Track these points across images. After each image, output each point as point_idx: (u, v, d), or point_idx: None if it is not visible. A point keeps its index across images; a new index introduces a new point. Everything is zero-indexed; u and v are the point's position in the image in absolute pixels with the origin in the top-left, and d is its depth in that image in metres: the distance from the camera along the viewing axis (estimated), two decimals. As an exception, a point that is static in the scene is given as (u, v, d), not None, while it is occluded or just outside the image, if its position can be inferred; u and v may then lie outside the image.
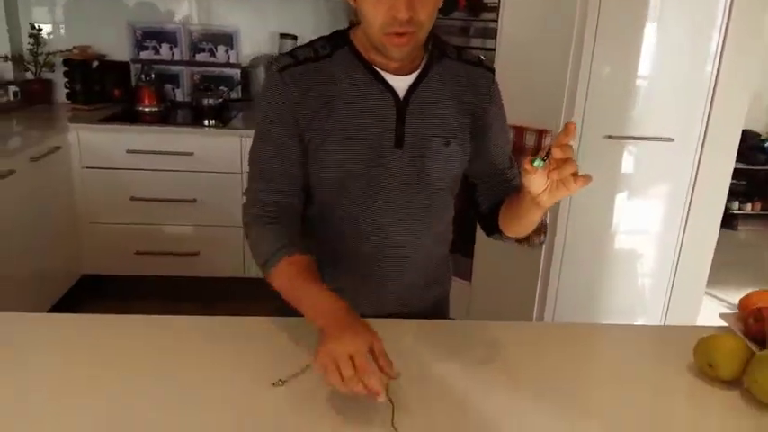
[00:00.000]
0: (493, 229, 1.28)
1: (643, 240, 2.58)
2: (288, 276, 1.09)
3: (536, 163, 0.98)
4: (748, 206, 5.04)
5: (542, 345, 1.23)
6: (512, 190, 1.19)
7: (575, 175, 0.97)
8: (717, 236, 2.59)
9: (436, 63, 1.19)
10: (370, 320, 1.01)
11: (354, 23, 1.19)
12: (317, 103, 1.13)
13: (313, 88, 1.13)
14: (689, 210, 2.51)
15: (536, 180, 0.99)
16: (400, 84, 1.16)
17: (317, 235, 1.23)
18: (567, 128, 0.95)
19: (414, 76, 1.17)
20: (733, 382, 1.09)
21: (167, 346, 1.14)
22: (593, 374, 1.17)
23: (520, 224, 1.18)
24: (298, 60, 1.15)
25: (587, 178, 0.98)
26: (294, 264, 1.09)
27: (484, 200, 1.30)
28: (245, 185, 1.23)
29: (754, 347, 1.13)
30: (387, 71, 1.15)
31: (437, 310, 1.39)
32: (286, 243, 1.11)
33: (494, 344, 1.21)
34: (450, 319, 1.42)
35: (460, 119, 1.20)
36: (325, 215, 1.21)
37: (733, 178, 4.92)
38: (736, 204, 5.02)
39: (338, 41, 1.17)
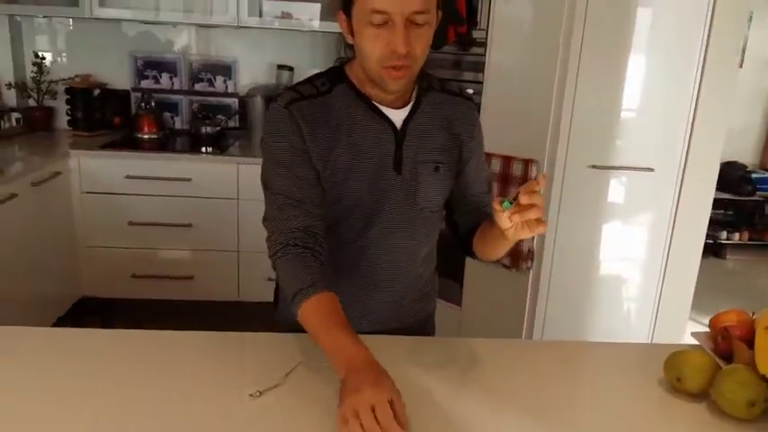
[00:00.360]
0: (469, 250, 1.37)
1: (628, 266, 2.65)
2: (316, 315, 1.09)
3: (504, 204, 1.07)
4: (736, 236, 5.13)
5: (524, 360, 1.29)
6: (487, 215, 1.27)
7: (539, 220, 1.06)
8: (699, 262, 2.66)
9: (425, 95, 1.27)
10: (364, 336, 1.07)
11: (345, 59, 1.27)
12: (324, 137, 1.19)
13: (318, 122, 1.19)
14: (671, 237, 2.58)
15: (503, 218, 1.08)
16: (397, 116, 1.23)
17: None
18: (539, 179, 1.04)
19: (408, 108, 1.25)
20: (700, 396, 1.15)
21: (153, 358, 1.19)
22: (569, 387, 1.22)
23: (493, 251, 1.28)
24: (302, 96, 1.20)
25: (544, 226, 1.08)
26: (323, 303, 1.09)
27: (462, 222, 1.38)
28: (264, 216, 1.23)
29: (721, 363, 1.19)
30: (383, 104, 1.23)
31: (426, 325, 1.47)
32: (316, 279, 1.11)
33: (478, 359, 1.28)
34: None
35: (448, 146, 1.29)
36: (328, 233, 1.24)
37: (721, 208, 5.10)
38: (724, 234, 5.11)
39: (336, 78, 1.23)
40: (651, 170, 2.50)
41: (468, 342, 1.36)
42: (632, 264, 2.65)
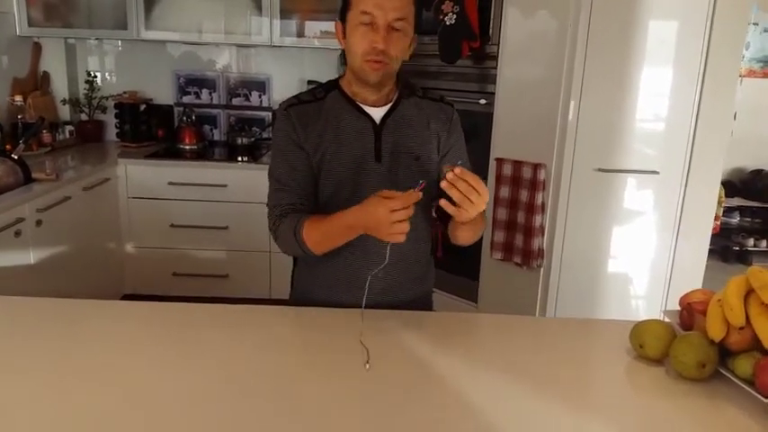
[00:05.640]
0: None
1: (635, 266, 2.76)
2: (314, 229, 1.38)
3: (446, 168, 1.27)
4: (763, 243, 5.13)
5: (513, 332, 1.46)
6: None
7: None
8: (705, 262, 2.75)
9: (406, 99, 1.52)
10: (358, 310, 1.27)
11: (341, 75, 1.54)
12: (314, 133, 1.46)
13: (310, 122, 1.47)
14: (677, 238, 2.70)
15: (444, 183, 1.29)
16: (376, 113, 1.49)
17: None
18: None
19: (387, 107, 1.50)
20: (660, 361, 1.29)
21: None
22: (548, 354, 1.35)
23: (456, 238, 1.51)
24: (301, 101, 1.50)
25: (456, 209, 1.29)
26: (311, 221, 1.39)
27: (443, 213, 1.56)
28: (267, 198, 1.51)
29: (679, 332, 1.34)
30: (366, 104, 1.48)
31: (421, 305, 1.60)
32: (301, 216, 1.42)
33: (465, 332, 1.45)
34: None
35: (428, 141, 1.51)
36: (322, 211, 1.47)
37: (748, 216, 5.13)
38: (751, 241, 5.11)
39: (330, 87, 1.52)
40: (656, 173, 2.63)
41: (457, 316, 1.53)
42: (639, 264, 2.76)
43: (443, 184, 1.27)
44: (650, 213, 2.69)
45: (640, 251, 2.74)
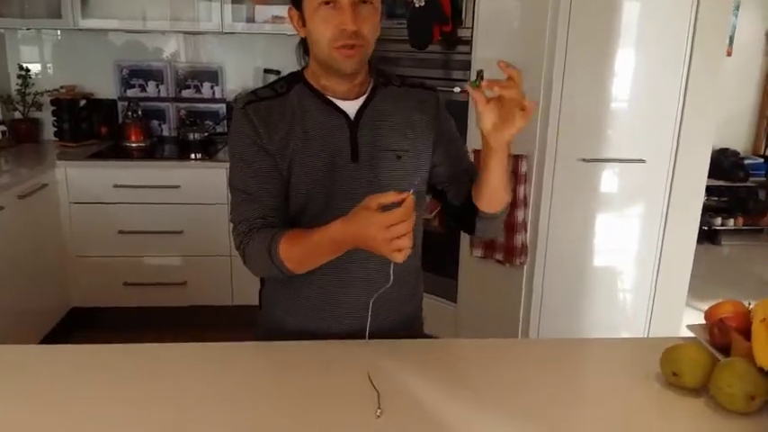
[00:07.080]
0: (472, 224, 1.33)
1: (622, 258, 2.64)
2: (294, 246, 1.18)
3: (473, 83, 1.09)
4: (731, 221, 5.15)
5: (517, 360, 1.28)
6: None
7: (522, 108, 1.09)
8: (693, 251, 2.65)
9: (381, 89, 1.31)
10: (343, 341, 1.09)
11: (304, 65, 1.32)
12: (279, 133, 1.24)
13: (274, 120, 1.25)
14: (665, 226, 2.58)
15: (485, 114, 1.12)
16: (350, 107, 1.28)
17: None
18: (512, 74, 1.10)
19: (361, 99, 1.29)
20: (698, 390, 1.13)
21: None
22: (563, 386, 1.19)
23: (489, 189, 1.24)
24: (259, 98, 1.27)
25: (530, 109, 1.11)
26: (289, 236, 1.19)
27: (456, 200, 1.36)
28: (230, 215, 1.30)
29: (718, 356, 1.18)
30: (336, 97, 1.27)
31: (410, 325, 1.42)
32: (275, 232, 1.20)
33: (468, 360, 1.26)
34: (428, 336, 1.45)
35: (411, 135, 1.31)
36: (294, 225, 1.27)
37: (715, 195, 5.11)
38: (719, 220, 5.12)
39: (293, 80, 1.31)
40: (643, 161, 2.49)
41: (459, 343, 1.35)
42: (626, 255, 2.64)
43: (475, 95, 1.10)
44: (637, 203, 2.57)
45: (627, 242, 2.62)
